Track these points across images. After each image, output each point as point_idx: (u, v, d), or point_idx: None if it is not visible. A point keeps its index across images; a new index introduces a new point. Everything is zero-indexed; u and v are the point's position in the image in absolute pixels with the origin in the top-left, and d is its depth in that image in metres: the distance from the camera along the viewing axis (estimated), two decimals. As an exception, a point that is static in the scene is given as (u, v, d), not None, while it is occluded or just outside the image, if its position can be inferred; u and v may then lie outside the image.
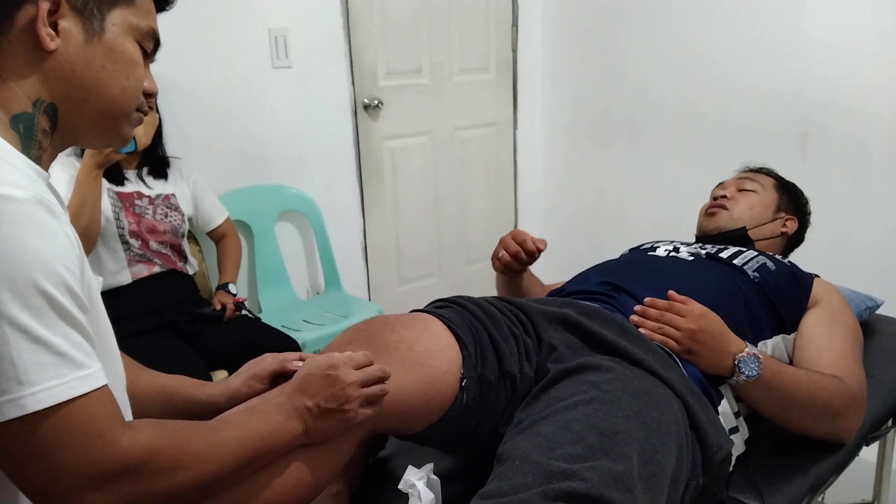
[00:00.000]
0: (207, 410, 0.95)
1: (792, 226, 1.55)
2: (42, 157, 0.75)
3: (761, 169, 1.65)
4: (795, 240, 1.59)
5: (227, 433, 0.79)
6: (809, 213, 1.60)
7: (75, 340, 0.65)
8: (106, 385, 0.67)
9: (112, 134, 0.79)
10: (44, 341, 0.62)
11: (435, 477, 0.98)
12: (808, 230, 1.63)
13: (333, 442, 0.91)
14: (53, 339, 0.63)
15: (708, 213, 1.57)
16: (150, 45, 0.80)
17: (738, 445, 1.14)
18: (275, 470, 0.85)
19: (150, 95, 0.82)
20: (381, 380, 0.91)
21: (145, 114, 0.83)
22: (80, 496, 0.65)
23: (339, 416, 0.87)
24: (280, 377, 0.97)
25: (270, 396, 0.88)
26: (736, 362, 1.10)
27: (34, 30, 0.70)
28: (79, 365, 0.65)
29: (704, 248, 1.43)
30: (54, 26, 0.71)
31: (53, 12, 0.71)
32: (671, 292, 1.18)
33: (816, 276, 1.40)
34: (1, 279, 0.60)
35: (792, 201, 1.58)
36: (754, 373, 1.09)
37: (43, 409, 0.62)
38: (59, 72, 0.72)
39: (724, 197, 1.56)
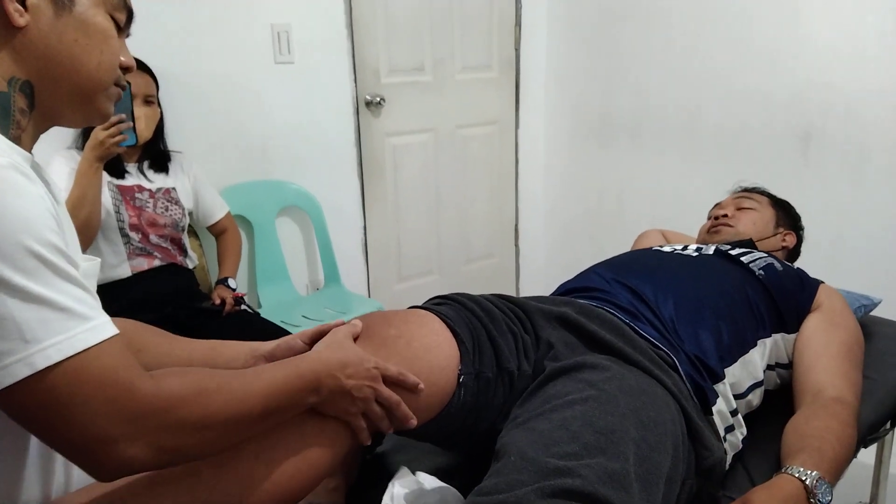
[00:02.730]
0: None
1: (791, 240, 1.61)
2: (21, 137, 0.74)
3: (755, 188, 1.70)
4: (794, 254, 1.64)
5: (253, 378, 0.79)
6: (803, 229, 1.66)
7: (76, 295, 0.65)
8: (117, 335, 0.67)
9: (91, 110, 0.78)
10: (44, 299, 0.62)
11: (428, 481, 0.97)
12: (808, 231, 1.67)
13: (331, 434, 0.91)
14: (53, 295, 0.63)
15: (711, 231, 1.60)
16: (122, 16, 0.78)
17: (735, 444, 1.14)
18: (273, 461, 0.85)
19: (127, 70, 0.81)
20: (411, 389, 0.95)
21: (123, 88, 0.82)
22: (113, 445, 0.65)
23: (348, 400, 0.89)
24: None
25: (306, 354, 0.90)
26: (814, 502, 0.98)
27: (2, 6, 0.69)
28: (84, 317, 0.64)
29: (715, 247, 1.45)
30: (22, 2, 0.70)
31: None
32: None
33: (822, 282, 1.41)
34: None
35: (787, 217, 1.64)
36: (830, 496, 0.99)
37: (54, 365, 0.62)
38: (31, 48, 0.71)
39: (725, 216, 1.60)
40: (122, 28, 0.79)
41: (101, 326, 0.66)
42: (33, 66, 0.72)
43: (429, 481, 0.99)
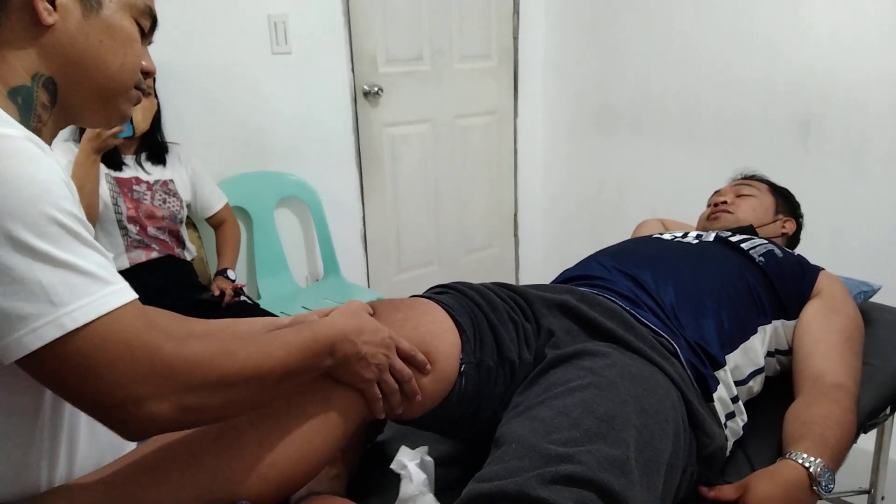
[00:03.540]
0: None
1: (790, 227, 1.61)
2: (42, 130, 0.75)
3: (754, 176, 1.70)
4: (793, 241, 1.64)
5: (271, 341, 0.81)
6: (802, 216, 1.66)
7: (97, 261, 0.66)
8: (137, 299, 0.69)
9: (111, 111, 0.80)
10: (68, 264, 0.64)
11: (429, 458, 0.98)
12: (808, 220, 1.67)
13: (334, 420, 0.91)
14: (76, 261, 0.64)
15: (710, 217, 1.60)
16: (146, 23, 0.81)
17: (735, 430, 1.14)
18: (276, 448, 0.85)
19: (149, 74, 0.83)
20: (419, 367, 0.97)
21: (144, 93, 0.83)
22: (139, 405, 0.66)
23: (363, 365, 0.91)
24: None
25: (323, 319, 0.92)
26: (817, 489, 0.98)
27: (32, 4, 0.71)
28: (106, 282, 0.66)
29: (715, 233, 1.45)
30: (52, 1, 0.72)
31: None
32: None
33: (822, 268, 1.41)
34: (10, 213, 0.61)
35: (787, 204, 1.64)
36: (833, 484, 1.00)
37: (81, 327, 0.63)
38: (57, 47, 0.73)
39: (725, 202, 1.60)
40: (146, 34, 0.82)
41: (122, 291, 0.67)
42: (58, 63, 0.74)
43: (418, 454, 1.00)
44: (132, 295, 0.68)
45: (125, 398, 0.66)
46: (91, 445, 0.81)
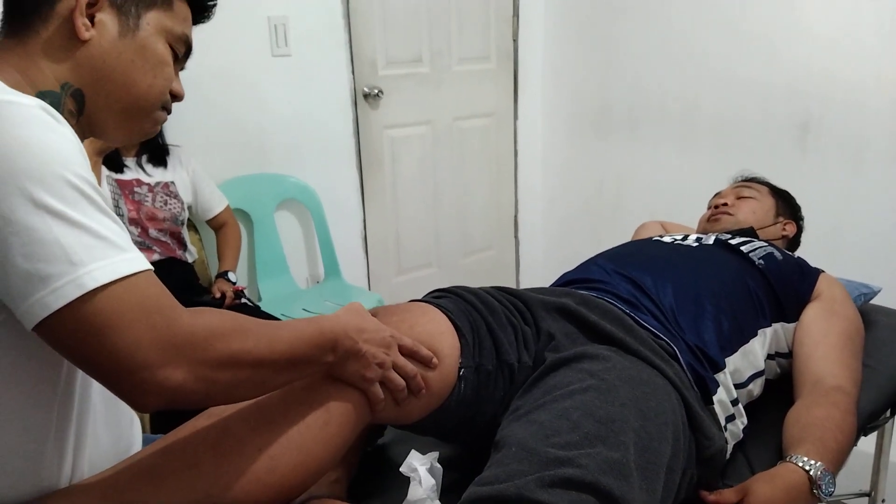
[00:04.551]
0: None
1: (791, 229, 1.61)
2: None
3: (754, 178, 1.71)
4: (794, 243, 1.64)
5: (280, 326, 0.81)
6: (803, 219, 1.66)
7: (112, 228, 0.67)
8: (153, 271, 0.69)
9: (134, 128, 0.82)
10: (84, 226, 0.64)
11: (438, 465, 0.98)
12: (808, 221, 1.67)
13: (335, 428, 0.91)
14: (92, 224, 0.64)
15: (711, 220, 1.60)
16: (181, 49, 0.84)
17: (735, 433, 1.14)
18: (276, 455, 0.85)
19: (177, 97, 0.85)
20: (425, 362, 0.98)
21: (169, 112, 0.86)
22: (156, 370, 0.66)
23: (364, 364, 0.91)
24: None
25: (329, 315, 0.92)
26: (817, 493, 0.99)
27: (72, 19, 0.74)
28: (122, 248, 0.66)
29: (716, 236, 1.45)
30: (91, 18, 0.75)
31: (92, 5, 0.75)
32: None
33: (822, 271, 1.41)
34: (29, 174, 0.61)
35: (787, 206, 1.64)
36: (833, 487, 1.00)
37: (100, 287, 0.63)
38: (90, 61, 0.76)
39: (725, 204, 1.60)
40: (179, 59, 0.85)
41: (138, 259, 0.67)
42: (89, 77, 0.76)
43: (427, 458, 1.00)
44: (148, 265, 0.68)
45: (141, 363, 0.65)
46: (95, 447, 0.81)
